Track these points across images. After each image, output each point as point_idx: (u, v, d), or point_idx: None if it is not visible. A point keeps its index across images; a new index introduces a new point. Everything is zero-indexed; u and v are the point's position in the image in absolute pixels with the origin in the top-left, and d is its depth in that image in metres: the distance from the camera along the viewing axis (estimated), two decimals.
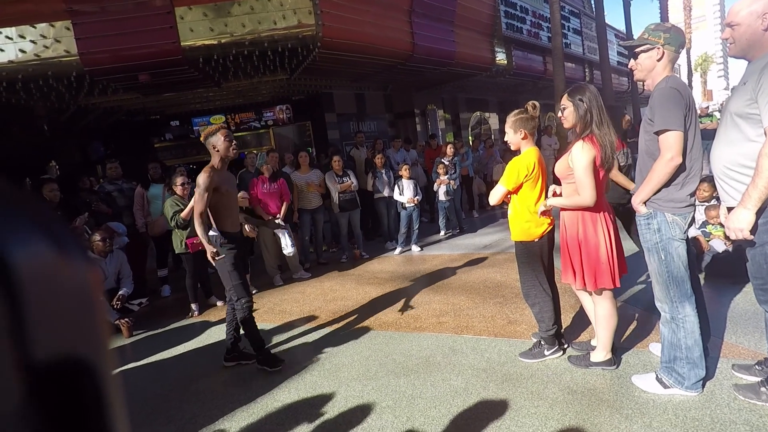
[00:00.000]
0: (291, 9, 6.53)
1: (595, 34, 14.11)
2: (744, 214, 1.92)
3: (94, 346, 0.28)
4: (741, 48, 2.00)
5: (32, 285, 0.25)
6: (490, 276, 4.72)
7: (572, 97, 2.42)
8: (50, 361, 0.25)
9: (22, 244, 0.25)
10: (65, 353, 0.26)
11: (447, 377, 2.73)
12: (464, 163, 8.25)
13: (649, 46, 2.21)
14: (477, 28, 10.03)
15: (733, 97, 2.06)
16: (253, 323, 3.22)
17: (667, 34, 2.18)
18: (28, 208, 0.28)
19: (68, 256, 0.28)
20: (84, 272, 0.28)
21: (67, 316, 0.27)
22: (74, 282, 0.28)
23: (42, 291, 0.25)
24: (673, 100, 2.08)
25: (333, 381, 2.87)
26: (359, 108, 11.21)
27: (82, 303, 0.28)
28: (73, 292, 0.28)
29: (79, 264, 0.28)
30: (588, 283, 2.49)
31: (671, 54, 2.19)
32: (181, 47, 6.31)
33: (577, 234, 2.49)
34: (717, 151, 2.12)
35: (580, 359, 2.68)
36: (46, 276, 0.26)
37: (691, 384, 2.24)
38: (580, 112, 2.40)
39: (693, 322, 2.23)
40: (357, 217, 6.24)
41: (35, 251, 0.26)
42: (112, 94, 7.63)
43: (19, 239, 0.25)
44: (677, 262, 2.22)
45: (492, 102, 15.78)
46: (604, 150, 2.38)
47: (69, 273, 0.28)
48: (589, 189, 2.36)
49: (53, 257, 0.27)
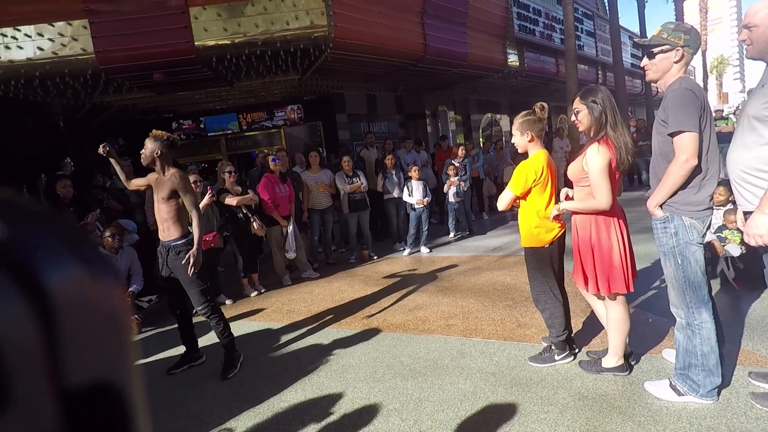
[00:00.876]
0: (304, 10, 6.55)
1: (609, 36, 13.96)
2: (763, 219, 1.87)
3: (123, 370, 0.29)
4: (759, 50, 1.96)
5: (66, 309, 0.25)
6: (500, 279, 4.67)
7: (585, 99, 2.39)
8: (83, 387, 0.25)
9: (55, 267, 0.25)
10: (97, 378, 0.26)
11: (455, 380, 2.70)
12: (474, 164, 8.21)
13: (668, 47, 2.16)
14: (489, 29, 9.97)
15: (751, 100, 2.02)
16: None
17: (688, 36, 2.13)
18: (58, 230, 0.28)
19: (99, 277, 0.28)
20: (114, 294, 0.29)
21: (99, 340, 0.27)
22: (105, 304, 0.28)
23: (76, 315, 0.25)
24: (688, 101, 2.03)
25: (340, 382, 2.86)
26: (370, 109, 11.21)
27: (113, 326, 0.28)
28: (105, 315, 0.28)
29: (110, 285, 0.28)
30: (602, 287, 2.45)
31: (689, 56, 2.15)
32: (195, 47, 6.36)
33: (590, 238, 2.45)
34: (733, 155, 2.08)
35: (591, 364, 2.64)
36: (80, 299, 0.26)
37: (706, 392, 2.18)
38: (595, 114, 2.36)
39: (710, 329, 2.18)
40: (366, 218, 6.23)
41: (68, 274, 0.26)
42: (127, 93, 7.73)
43: (52, 262, 0.25)
44: (694, 267, 2.17)
45: (503, 104, 15.68)
46: (619, 152, 2.34)
47: (100, 295, 0.28)
48: (605, 192, 2.32)
49: (85, 280, 0.27)
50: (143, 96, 8.11)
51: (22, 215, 0.27)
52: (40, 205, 0.29)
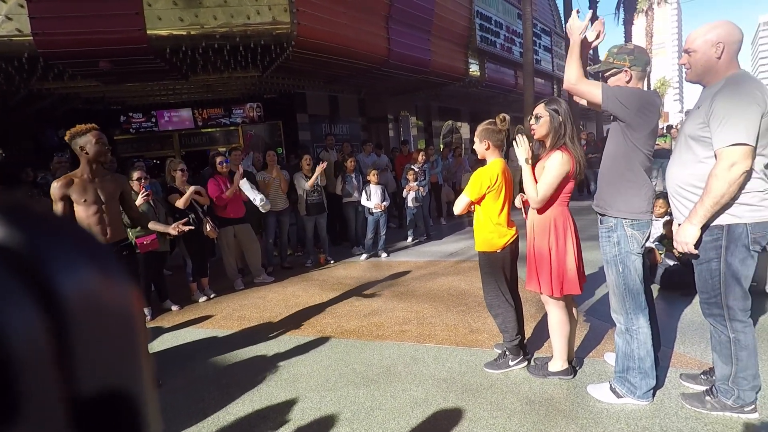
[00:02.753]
0: (266, 5, 6.39)
1: (564, 53, 14.60)
2: (690, 229, 2.02)
3: (137, 376, 0.28)
4: (697, 73, 2.09)
5: (80, 314, 0.24)
6: (455, 284, 4.73)
7: (549, 106, 2.46)
8: (95, 394, 0.25)
9: (67, 270, 0.24)
10: (110, 385, 0.26)
11: (407, 388, 2.69)
12: (434, 170, 8.31)
13: (616, 70, 2.27)
14: (452, 38, 10.16)
15: (688, 120, 2.15)
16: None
17: (632, 56, 2.25)
18: (70, 232, 0.27)
19: (113, 279, 0.27)
20: (129, 297, 0.28)
21: (113, 346, 0.27)
22: (120, 309, 0.27)
23: (90, 320, 0.25)
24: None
25: (290, 392, 2.77)
26: (332, 110, 11.12)
27: (127, 331, 0.28)
28: (119, 320, 0.27)
29: (124, 288, 0.28)
30: (555, 290, 2.52)
31: (639, 73, 2.25)
32: (147, 36, 6.05)
33: (548, 242, 2.52)
34: (671, 171, 2.21)
35: (538, 369, 2.71)
36: (94, 303, 0.25)
37: (642, 393, 2.29)
38: (555, 123, 2.44)
39: (646, 334, 2.30)
40: (324, 221, 6.15)
41: (81, 277, 0.25)
42: (69, 80, 7.22)
43: (65, 266, 0.25)
44: (633, 275, 2.28)
45: (464, 112, 16.03)
46: (578, 164, 2.43)
47: (114, 299, 0.27)
48: (546, 195, 2.43)
49: (99, 282, 0.26)
50: (88, 85, 7.61)
51: (31, 218, 0.26)
52: (48, 209, 0.26)
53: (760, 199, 1.96)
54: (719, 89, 1.96)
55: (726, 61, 1.98)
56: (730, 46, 1.97)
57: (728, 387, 2.13)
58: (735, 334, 2.08)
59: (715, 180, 1.92)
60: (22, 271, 0.23)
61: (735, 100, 1.89)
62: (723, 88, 1.95)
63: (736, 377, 2.10)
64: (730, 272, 2.03)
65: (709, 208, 1.95)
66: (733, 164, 1.88)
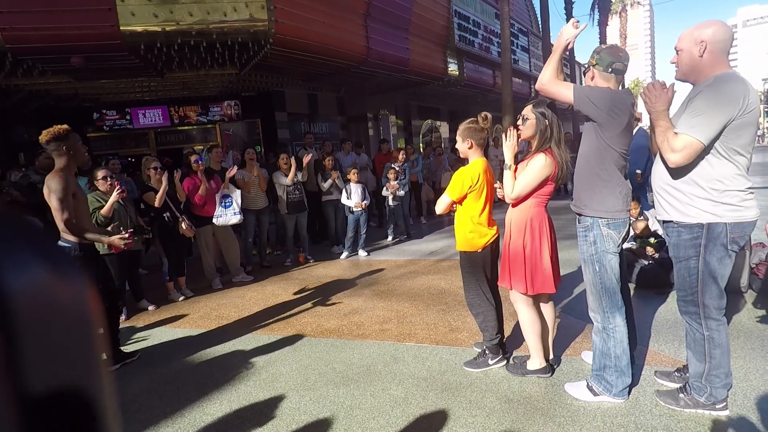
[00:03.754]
0: (243, 2, 6.28)
1: (542, 53, 14.84)
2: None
3: (92, 374, 0.27)
4: (683, 72, 2.12)
5: (30, 313, 0.23)
6: (435, 283, 4.75)
7: (536, 109, 2.48)
8: (47, 393, 0.24)
9: (17, 268, 0.24)
10: (63, 385, 0.25)
11: (387, 387, 2.69)
12: (414, 169, 8.32)
13: (585, 68, 2.33)
14: (431, 37, 10.19)
15: (674, 118, 2.18)
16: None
17: (598, 55, 2.29)
18: (21, 230, 0.26)
19: (65, 277, 0.26)
20: (82, 296, 0.27)
21: (66, 343, 0.26)
22: (73, 309, 0.27)
23: (40, 319, 0.24)
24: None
25: (269, 392, 2.74)
26: (311, 109, 11.03)
27: (81, 332, 0.27)
28: (72, 318, 0.26)
29: (77, 285, 0.27)
30: (528, 287, 2.55)
31: (600, 73, 2.28)
32: (120, 32, 5.88)
33: (523, 240, 2.54)
34: (657, 168, 2.24)
35: (517, 367, 2.73)
36: (45, 302, 0.25)
37: (618, 391, 2.34)
38: (540, 126, 2.46)
39: (622, 332, 2.34)
40: (304, 220, 6.10)
41: (32, 275, 0.24)
42: (39, 76, 6.97)
43: (14, 263, 0.24)
44: (610, 274, 2.32)
45: (443, 111, 16.12)
46: (560, 168, 2.46)
47: (68, 300, 0.26)
48: (520, 193, 2.48)
49: (51, 281, 0.25)
50: (59, 81, 7.37)
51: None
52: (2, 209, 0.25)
53: (740, 199, 2.00)
54: (704, 87, 1.99)
55: (709, 60, 2.00)
56: (713, 45, 1.98)
57: (701, 384, 2.18)
58: (709, 332, 2.13)
59: (668, 152, 2.01)
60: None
61: (713, 98, 1.93)
62: (708, 87, 1.97)
63: (709, 375, 2.15)
64: (708, 271, 2.07)
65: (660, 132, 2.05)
66: (684, 148, 1.95)
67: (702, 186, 2.03)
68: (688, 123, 1.96)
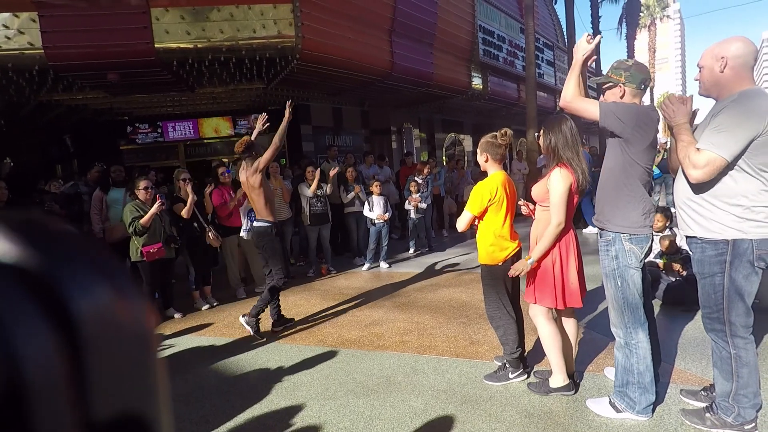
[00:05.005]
0: (271, 19, 6.52)
1: (567, 67, 14.73)
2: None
3: (153, 399, 0.27)
4: (705, 88, 2.12)
5: (96, 338, 0.23)
6: (456, 296, 4.73)
7: (547, 126, 2.55)
8: (111, 419, 0.24)
9: (85, 292, 0.24)
10: (126, 410, 0.25)
11: (407, 398, 2.70)
12: (436, 182, 8.35)
13: (612, 84, 2.32)
14: (455, 52, 10.28)
15: (697, 133, 2.17)
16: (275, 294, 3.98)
17: (628, 72, 2.28)
18: (86, 251, 0.26)
19: (129, 301, 0.26)
20: (144, 318, 0.27)
21: (129, 369, 0.26)
22: (135, 330, 0.27)
23: (106, 343, 0.24)
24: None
25: (290, 400, 2.78)
26: (336, 122, 11.22)
27: (143, 352, 0.27)
28: (135, 342, 0.26)
29: (140, 309, 0.27)
30: (558, 302, 2.53)
31: (633, 90, 2.29)
32: (155, 49, 6.17)
33: (551, 255, 2.53)
34: (679, 184, 2.22)
35: (539, 386, 2.69)
36: (110, 326, 0.25)
37: (641, 408, 2.29)
38: (546, 142, 2.51)
39: (645, 348, 2.30)
40: (327, 232, 6.18)
41: (98, 300, 0.24)
42: (78, 92, 7.36)
43: (82, 287, 0.24)
44: (632, 289, 2.29)
45: (467, 124, 16.12)
46: (578, 177, 2.46)
47: (130, 320, 0.26)
48: (561, 215, 2.44)
49: (115, 303, 0.25)
50: (95, 96, 7.74)
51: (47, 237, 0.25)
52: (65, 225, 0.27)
53: (766, 216, 1.97)
54: (728, 103, 1.98)
55: (731, 75, 1.99)
56: (734, 60, 1.97)
57: (729, 404, 2.12)
58: (736, 351, 2.07)
59: (690, 168, 1.99)
60: (39, 293, 0.22)
61: (737, 115, 1.92)
62: (732, 103, 1.96)
63: (736, 394, 2.09)
64: (734, 288, 2.03)
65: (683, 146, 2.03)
66: (705, 166, 1.93)
67: (726, 201, 2.00)
68: (711, 139, 1.94)
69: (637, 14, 23.34)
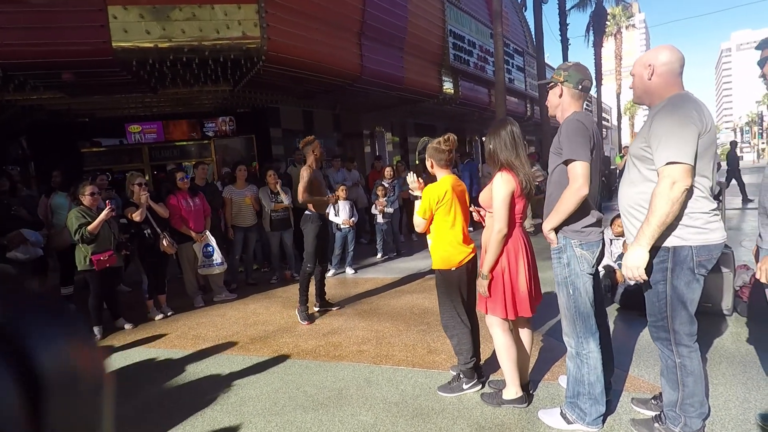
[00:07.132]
0: (236, 20, 6.35)
1: (536, 73, 14.99)
2: (638, 251, 1.96)
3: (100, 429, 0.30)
4: (637, 95, 2.13)
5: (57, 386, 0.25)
6: (418, 302, 4.67)
7: (489, 134, 2.51)
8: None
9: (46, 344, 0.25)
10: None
11: (357, 412, 2.60)
12: (404, 186, 8.29)
13: (552, 83, 2.30)
14: (426, 56, 10.29)
15: (634, 140, 2.16)
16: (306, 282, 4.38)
17: (567, 72, 2.27)
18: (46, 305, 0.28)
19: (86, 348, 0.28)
20: (100, 362, 0.30)
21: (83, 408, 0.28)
22: (91, 374, 0.29)
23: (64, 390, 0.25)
24: (579, 131, 2.14)
25: (235, 416, 2.65)
26: (306, 125, 11.08)
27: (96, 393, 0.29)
28: (90, 385, 0.29)
29: (96, 354, 0.29)
30: (509, 311, 2.48)
31: (571, 90, 2.26)
32: (113, 48, 5.93)
33: (500, 263, 2.48)
34: (621, 190, 2.21)
35: (492, 397, 2.63)
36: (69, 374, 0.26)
37: (591, 420, 2.25)
38: (486, 148, 2.49)
39: (596, 359, 2.26)
40: (290, 237, 6.03)
41: (59, 351, 0.26)
42: (31, 92, 7.02)
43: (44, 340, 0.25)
44: (584, 297, 2.25)
45: (439, 128, 16.18)
46: (521, 181, 2.42)
47: (87, 366, 0.28)
48: (503, 221, 2.38)
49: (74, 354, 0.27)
50: (52, 96, 7.40)
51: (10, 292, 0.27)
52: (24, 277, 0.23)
53: (704, 222, 1.95)
54: (659, 109, 1.98)
55: (658, 82, 2.00)
56: (660, 67, 1.99)
57: (676, 413, 2.10)
58: (681, 359, 2.05)
59: (658, 199, 1.89)
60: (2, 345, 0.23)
61: (672, 120, 1.90)
62: (661, 109, 1.96)
63: (683, 404, 2.07)
64: (676, 295, 2.01)
65: (655, 228, 1.91)
66: (674, 182, 1.85)
67: None
68: (664, 155, 1.89)
69: (604, 22, 23.95)
